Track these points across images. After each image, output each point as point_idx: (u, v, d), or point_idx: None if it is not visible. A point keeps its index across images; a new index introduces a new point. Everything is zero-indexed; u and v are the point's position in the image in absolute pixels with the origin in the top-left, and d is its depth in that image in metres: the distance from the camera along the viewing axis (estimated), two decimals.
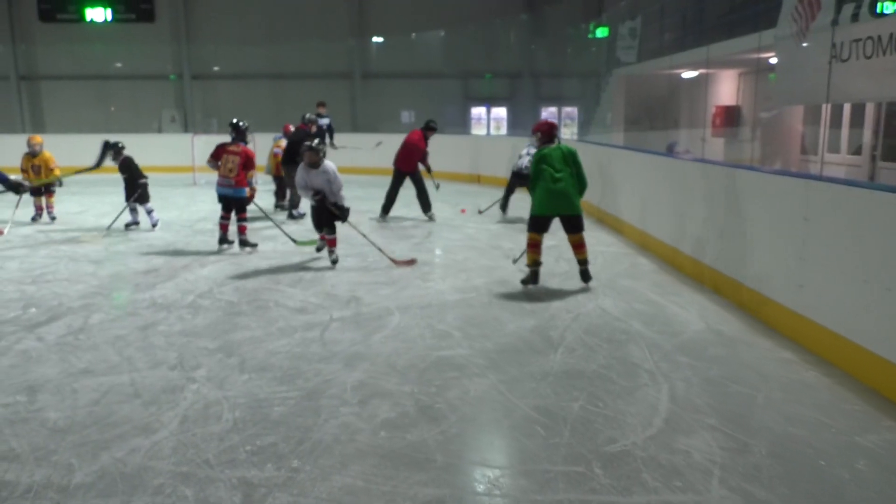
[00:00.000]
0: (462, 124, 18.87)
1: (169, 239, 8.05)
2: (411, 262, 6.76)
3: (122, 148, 8.51)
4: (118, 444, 3.10)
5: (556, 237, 8.01)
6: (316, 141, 6.76)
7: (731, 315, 5.07)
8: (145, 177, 8.59)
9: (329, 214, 6.70)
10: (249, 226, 7.65)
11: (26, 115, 19.26)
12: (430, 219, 9.53)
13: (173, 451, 3.03)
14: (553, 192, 5.64)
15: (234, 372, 3.97)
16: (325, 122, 13.33)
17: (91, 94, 19.39)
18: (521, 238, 7.74)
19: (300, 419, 3.36)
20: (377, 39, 19.25)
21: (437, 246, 7.82)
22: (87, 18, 18.73)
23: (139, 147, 11.40)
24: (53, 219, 9.36)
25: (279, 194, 10.60)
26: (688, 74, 12.47)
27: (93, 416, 3.40)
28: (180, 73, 19.28)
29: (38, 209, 9.36)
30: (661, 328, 4.76)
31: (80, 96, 19.34)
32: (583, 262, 5.86)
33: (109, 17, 18.75)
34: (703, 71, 11.71)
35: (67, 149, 16.53)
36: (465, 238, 8.21)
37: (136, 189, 8.53)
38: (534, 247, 5.80)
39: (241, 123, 7.54)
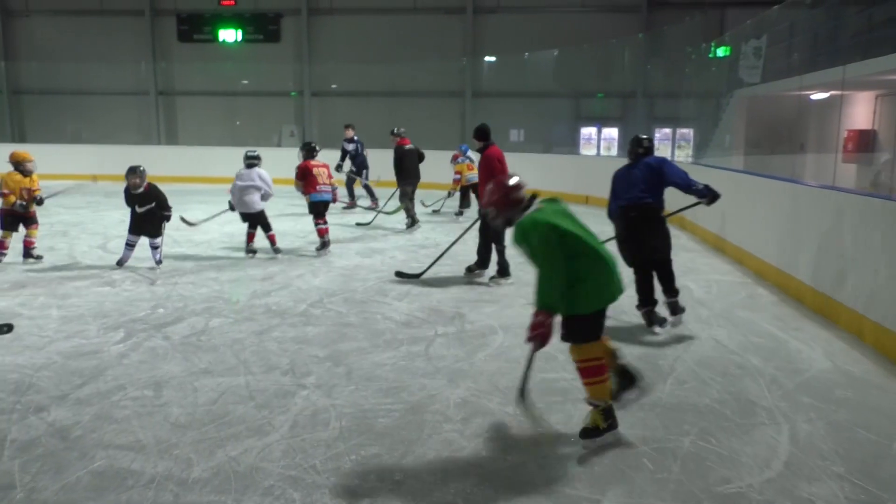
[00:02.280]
0: (572, 144, 18.68)
1: (284, 248, 8.42)
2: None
3: (144, 171, 7.12)
4: (233, 444, 3.25)
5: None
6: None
7: (861, 354, 4.70)
8: (170, 207, 7.25)
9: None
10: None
11: (162, 128, 20.78)
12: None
13: (283, 455, 3.15)
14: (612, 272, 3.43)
15: (341, 381, 4.08)
16: (350, 147, 12.62)
17: (220, 109, 20.67)
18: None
19: (404, 432, 3.40)
20: (489, 59, 19.44)
21: None
22: (220, 39, 20.02)
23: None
24: (39, 257, 7.45)
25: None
26: (818, 96, 11.77)
27: (211, 415, 3.58)
28: (301, 90, 20.21)
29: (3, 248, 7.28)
30: (781, 364, 4.48)
31: (210, 111, 20.66)
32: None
33: (240, 38, 19.96)
34: (835, 93, 11.02)
35: (196, 159, 17.79)
36: None
37: (161, 219, 7.16)
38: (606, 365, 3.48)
39: (314, 144, 8.81)
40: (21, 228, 7.34)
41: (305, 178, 8.19)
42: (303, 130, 20.23)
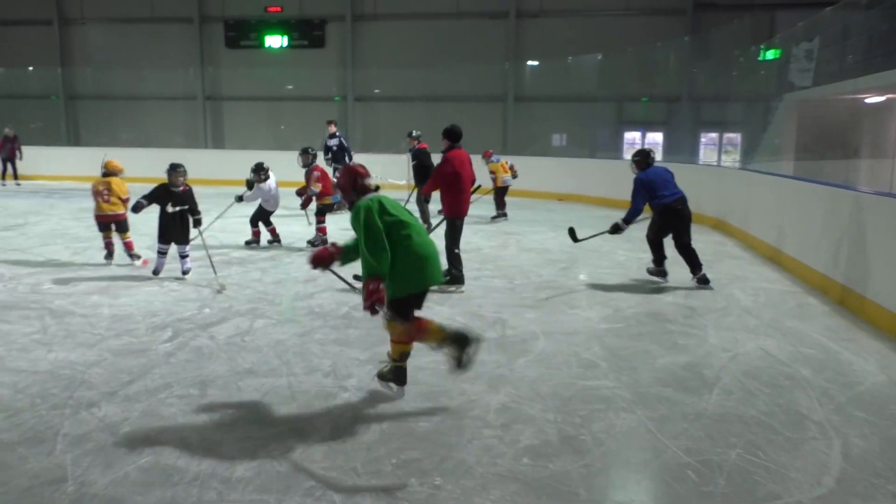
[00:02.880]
0: (615, 148, 18.48)
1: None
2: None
3: (185, 171, 6.97)
4: (275, 444, 3.29)
5: (712, 269, 7.60)
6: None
7: None
8: (200, 213, 6.99)
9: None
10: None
11: (209, 132, 21.23)
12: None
13: (324, 456, 3.17)
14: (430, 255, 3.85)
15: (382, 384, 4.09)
16: (334, 142, 12.94)
17: (265, 113, 21.03)
18: (675, 269, 7.42)
19: (444, 437, 3.39)
20: (532, 63, 19.38)
21: (583, 272, 7.66)
22: (266, 45, 20.38)
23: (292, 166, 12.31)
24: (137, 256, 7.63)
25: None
26: (873, 99, 11.41)
27: (254, 415, 3.63)
28: (344, 95, 20.44)
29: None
30: (832, 377, 4.34)
31: (255, 116, 21.03)
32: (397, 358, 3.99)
33: (285, 44, 20.29)
34: (891, 96, 10.67)
35: (242, 162, 18.08)
36: (614, 266, 7.99)
37: (190, 224, 6.94)
38: (420, 335, 3.90)
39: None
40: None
41: (326, 181, 8.83)
42: (345, 134, 20.43)
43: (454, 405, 3.80)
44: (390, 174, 12.54)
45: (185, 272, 6.90)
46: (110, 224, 7.52)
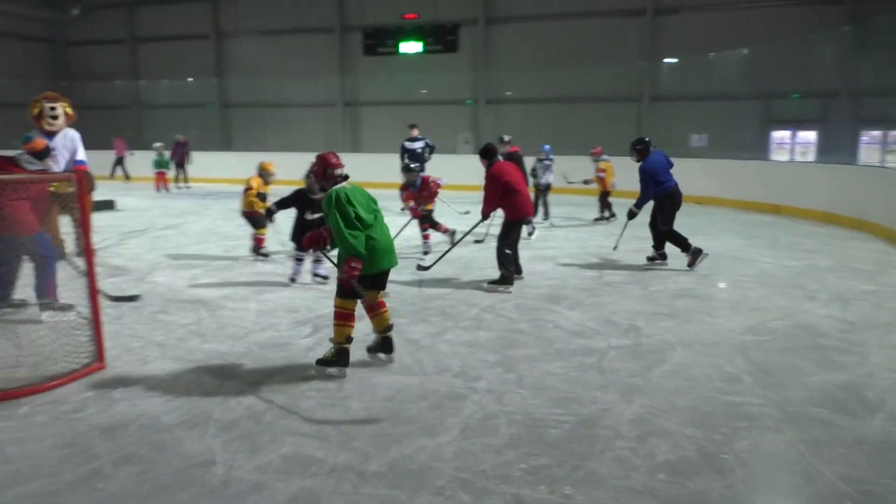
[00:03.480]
0: (761, 149, 17.33)
1: (458, 252, 8.59)
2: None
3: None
4: (407, 441, 3.35)
5: (875, 281, 6.95)
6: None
7: None
8: None
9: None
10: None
11: (347, 137, 22.16)
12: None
13: (454, 457, 3.19)
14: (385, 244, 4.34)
15: (512, 387, 4.07)
16: (418, 145, 12.70)
17: (399, 117, 21.59)
18: (827, 279, 6.86)
19: (575, 445, 3.31)
20: (669, 60, 18.60)
21: (723, 279, 7.25)
22: (402, 51, 20.97)
23: (436, 166, 12.42)
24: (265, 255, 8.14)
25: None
26: None
27: (387, 411, 3.73)
28: (476, 98, 20.62)
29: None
30: None
31: (390, 120, 21.67)
32: (382, 329, 4.51)
33: (420, 49, 20.78)
34: None
35: (376, 167, 18.77)
36: (758, 273, 7.49)
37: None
38: (349, 317, 4.40)
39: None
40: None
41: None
42: (476, 138, 20.60)
43: (585, 413, 3.70)
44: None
45: (320, 277, 6.94)
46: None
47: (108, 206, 13.11)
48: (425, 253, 8.33)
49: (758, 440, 3.38)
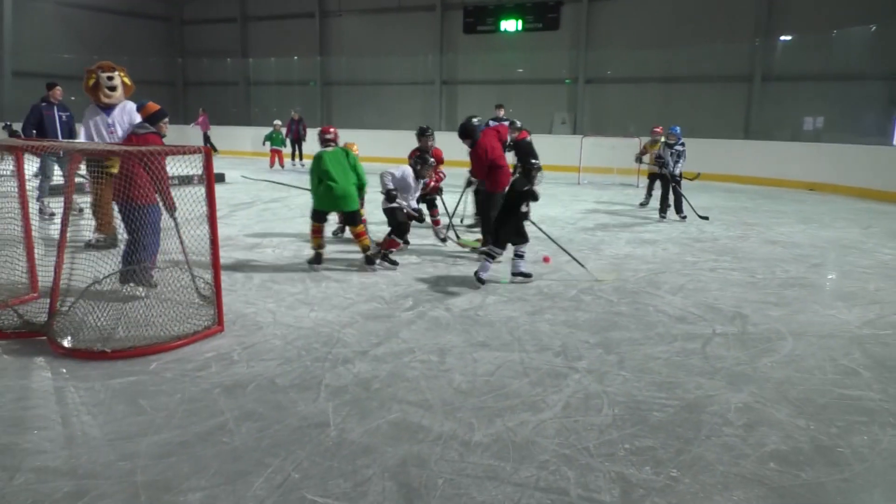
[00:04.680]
0: (883, 134, 16.14)
1: (555, 234, 8.54)
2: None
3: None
4: (510, 415, 3.41)
5: None
6: None
7: None
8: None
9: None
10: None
11: (444, 115, 22.30)
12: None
13: (556, 433, 3.23)
14: (331, 191, 6.36)
15: (613, 369, 4.06)
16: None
17: (494, 96, 21.52)
18: None
19: (679, 429, 3.28)
20: (784, 38, 17.54)
21: (837, 270, 6.88)
22: (502, 29, 20.82)
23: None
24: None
25: None
26: None
27: (489, 385, 3.80)
28: (575, 77, 20.23)
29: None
30: None
31: (486, 99, 21.60)
32: (364, 250, 6.60)
33: (520, 27, 20.56)
34: None
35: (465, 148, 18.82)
36: (877, 265, 7.07)
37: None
38: (316, 232, 6.62)
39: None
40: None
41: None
42: (574, 118, 20.26)
43: (690, 398, 3.65)
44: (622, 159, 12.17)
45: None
46: None
47: (218, 178, 13.80)
48: (443, 240, 7.90)
49: (877, 436, 3.24)
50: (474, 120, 7.30)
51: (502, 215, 6.16)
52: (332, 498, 2.68)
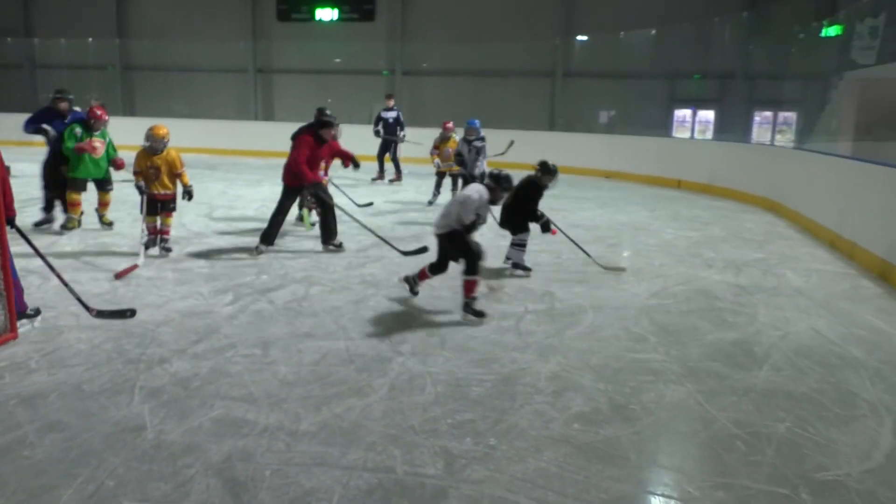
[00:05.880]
0: (664, 126, 18.16)
1: (377, 223, 8.67)
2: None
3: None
4: (336, 402, 3.46)
5: (763, 250, 7.54)
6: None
7: None
8: None
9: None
10: None
11: (259, 105, 21.57)
12: (338, 248, 7.08)
13: (383, 415, 3.33)
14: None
15: (435, 350, 4.24)
16: (392, 114, 13.56)
17: (313, 86, 21.22)
18: (722, 248, 7.39)
19: (497, 401, 3.52)
20: (581, 38, 19.08)
21: (630, 248, 7.67)
22: (317, 18, 20.52)
23: (351, 136, 12.29)
24: (168, 250, 6.61)
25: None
26: None
27: (315, 374, 3.81)
28: (392, 69, 20.49)
29: (151, 231, 6.61)
30: (885, 357, 4.33)
31: (303, 88, 21.24)
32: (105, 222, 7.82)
33: (336, 17, 20.40)
34: None
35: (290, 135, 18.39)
36: (661, 243, 7.97)
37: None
38: (73, 205, 7.55)
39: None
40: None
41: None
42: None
43: (506, 372, 3.92)
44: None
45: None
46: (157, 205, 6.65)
47: None
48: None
49: (662, 392, 3.70)
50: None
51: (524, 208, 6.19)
52: (152, 502, 2.58)
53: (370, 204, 9.77)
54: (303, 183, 6.81)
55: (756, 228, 9.15)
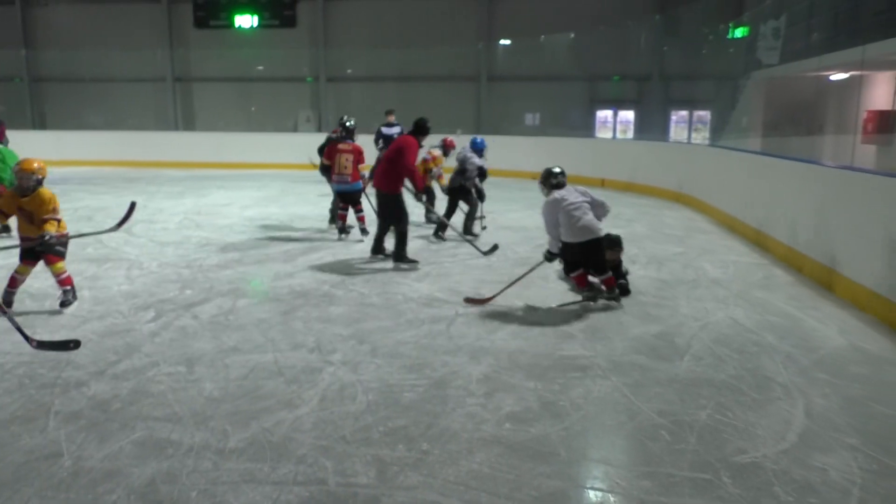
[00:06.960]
0: (587, 127, 18.64)
1: (304, 233, 8.54)
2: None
3: None
4: (265, 416, 3.39)
5: (683, 244, 7.82)
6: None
7: (877, 332, 4.76)
8: None
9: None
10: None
11: (179, 114, 20.96)
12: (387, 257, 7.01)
13: (314, 426, 3.28)
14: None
15: (366, 358, 4.21)
16: (395, 130, 12.09)
17: (235, 95, 20.80)
18: (645, 244, 7.63)
19: (429, 406, 3.52)
20: (504, 42, 19.39)
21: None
22: (236, 24, 20.11)
23: (276, 145, 12.12)
24: (65, 304, 5.18)
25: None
26: (837, 77, 11.70)
27: (242, 389, 3.72)
28: (316, 75, 20.28)
29: (13, 282, 5.15)
30: (796, 342, 4.56)
31: (225, 97, 20.81)
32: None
33: (256, 24, 20.04)
34: (855, 73, 10.95)
35: (214, 145, 17.94)
36: None
37: None
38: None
39: (349, 123, 8.15)
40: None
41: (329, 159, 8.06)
42: (318, 116, 20.32)
43: (437, 376, 3.93)
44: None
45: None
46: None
47: None
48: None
49: (589, 387, 3.78)
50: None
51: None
52: None
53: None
54: (416, 189, 6.87)
55: (676, 224, 9.49)
